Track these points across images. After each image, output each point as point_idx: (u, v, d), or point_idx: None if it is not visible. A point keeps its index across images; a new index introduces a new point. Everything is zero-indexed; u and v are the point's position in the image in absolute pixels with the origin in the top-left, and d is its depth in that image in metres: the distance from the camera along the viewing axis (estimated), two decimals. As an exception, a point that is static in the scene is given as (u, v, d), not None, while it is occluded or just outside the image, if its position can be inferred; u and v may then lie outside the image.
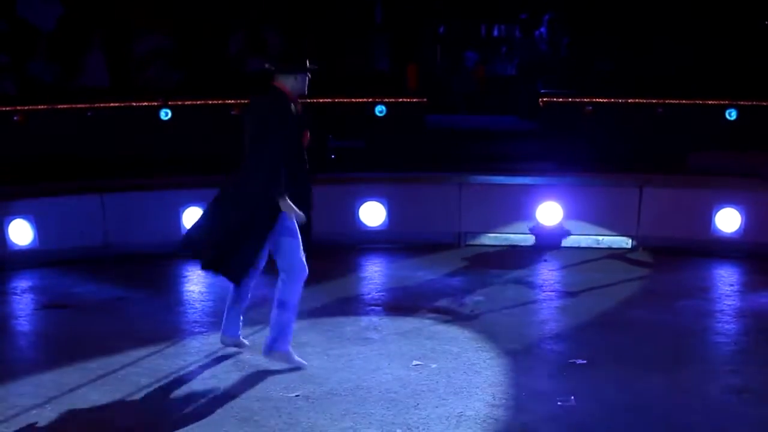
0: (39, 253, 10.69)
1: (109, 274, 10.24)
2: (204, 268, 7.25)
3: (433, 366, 7.31)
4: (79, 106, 14.85)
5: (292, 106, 7.14)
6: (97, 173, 12.40)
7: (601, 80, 16.84)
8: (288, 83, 7.20)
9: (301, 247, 7.22)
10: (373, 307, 9.00)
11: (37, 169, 12.95)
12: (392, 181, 11.69)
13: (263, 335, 7.51)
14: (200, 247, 7.20)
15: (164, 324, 8.46)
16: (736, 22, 16.61)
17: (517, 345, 7.84)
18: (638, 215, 11.28)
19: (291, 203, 7.03)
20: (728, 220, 10.95)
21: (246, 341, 7.66)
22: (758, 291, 9.57)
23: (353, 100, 15.77)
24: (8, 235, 10.60)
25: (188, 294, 9.75)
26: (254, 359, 7.45)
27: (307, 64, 7.27)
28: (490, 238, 11.49)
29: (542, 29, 17.89)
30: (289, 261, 7.19)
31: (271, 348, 7.23)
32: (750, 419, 6.40)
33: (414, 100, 16.35)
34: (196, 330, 8.32)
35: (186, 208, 11.11)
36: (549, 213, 11.36)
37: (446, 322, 8.48)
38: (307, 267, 7.23)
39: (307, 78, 7.30)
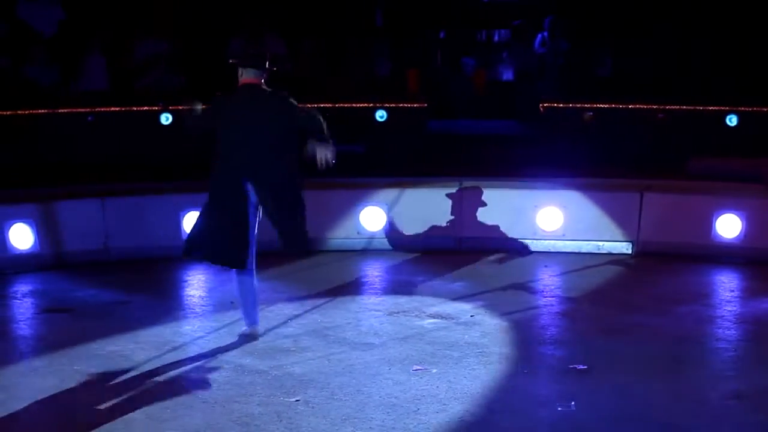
0: (39, 257, 10.68)
1: (110, 278, 10.23)
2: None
3: (434, 371, 7.31)
4: (79, 110, 14.85)
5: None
6: (97, 177, 12.40)
7: (601, 85, 16.83)
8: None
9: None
10: (373, 312, 9.00)
11: (38, 173, 12.95)
12: (393, 185, 11.69)
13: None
14: None
15: (165, 328, 8.46)
16: (738, 28, 16.61)
17: (517, 350, 7.84)
18: (639, 221, 11.27)
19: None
20: (729, 226, 10.94)
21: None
22: (759, 297, 9.56)
23: (354, 104, 15.77)
24: (8, 239, 10.60)
25: (189, 298, 9.75)
26: (254, 364, 7.45)
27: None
28: (491, 243, 11.48)
29: (544, 33, 17.85)
30: None
31: None
32: (750, 425, 6.40)
33: (414, 105, 16.34)
34: (197, 334, 8.31)
35: (187, 212, 11.10)
36: (549, 218, 11.35)
37: (447, 327, 8.47)
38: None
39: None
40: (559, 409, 6.58)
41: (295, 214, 7.86)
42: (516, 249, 11.36)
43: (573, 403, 6.65)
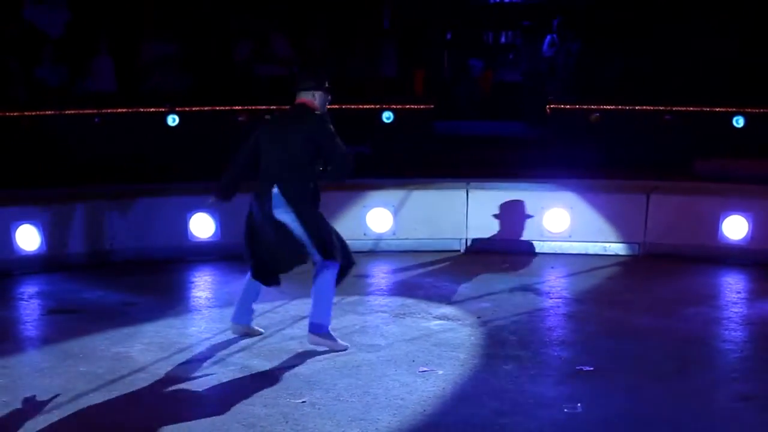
0: (46, 259, 10.71)
1: (117, 279, 10.25)
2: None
3: (440, 372, 7.31)
4: (86, 111, 14.89)
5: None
6: (104, 178, 12.42)
7: (608, 87, 16.83)
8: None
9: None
10: (379, 314, 9.00)
11: (45, 174, 12.98)
12: (399, 187, 11.69)
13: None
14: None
15: (171, 329, 8.47)
16: (745, 29, 16.62)
17: (523, 352, 7.84)
18: (645, 222, 11.27)
19: None
20: (735, 228, 10.93)
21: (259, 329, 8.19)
22: (765, 298, 9.55)
23: (360, 106, 15.79)
24: (15, 240, 10.62)
25: (195, 300, 9.77)
26: (261, 365, 7.46)
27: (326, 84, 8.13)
28: (497, 245, 11.47)
29: (554, 35, 17.86)
30: None
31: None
32: (757, 426, 6.39)
33: (421, 106, 16.35)
34: (203, 336, 8.32)
35: (193, 214, 11.12)
36: (556, 219, 11.35)
37: (453, 328, 8.47)
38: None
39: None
40: (566, 410, 6.57)
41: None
42: (522, 250, 11.35)
43: (579, 404, 6.65)
